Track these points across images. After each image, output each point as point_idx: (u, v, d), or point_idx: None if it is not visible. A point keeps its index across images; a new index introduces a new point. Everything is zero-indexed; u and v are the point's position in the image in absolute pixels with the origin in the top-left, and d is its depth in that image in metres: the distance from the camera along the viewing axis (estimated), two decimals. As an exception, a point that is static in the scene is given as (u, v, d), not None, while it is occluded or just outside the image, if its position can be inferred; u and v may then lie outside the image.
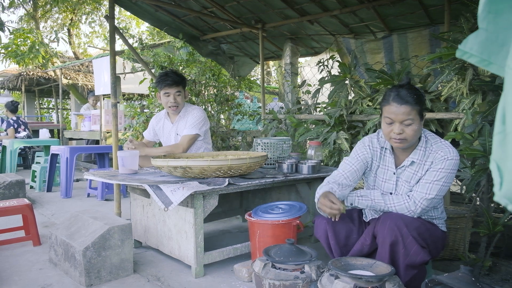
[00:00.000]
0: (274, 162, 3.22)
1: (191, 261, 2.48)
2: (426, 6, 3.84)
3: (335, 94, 3.61)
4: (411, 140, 1.94)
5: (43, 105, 15.84)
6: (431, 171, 1.95)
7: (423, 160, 2.00)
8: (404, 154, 2.07)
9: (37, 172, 5.44)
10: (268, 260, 1.81)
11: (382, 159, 2.15)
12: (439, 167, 1.92)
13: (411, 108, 1.87)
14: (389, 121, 1.93)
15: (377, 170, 2.17)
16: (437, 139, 2.03)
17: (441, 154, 1.94)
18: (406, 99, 1.88)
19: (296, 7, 4.30)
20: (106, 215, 2.75)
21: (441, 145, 1.99)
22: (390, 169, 2.11)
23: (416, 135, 1.93)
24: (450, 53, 2.60)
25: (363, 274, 1.53)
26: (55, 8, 11.20)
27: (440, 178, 1.92)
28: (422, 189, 1.93)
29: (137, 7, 4.61)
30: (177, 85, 3.32)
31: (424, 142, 2.01)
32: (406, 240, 1.84)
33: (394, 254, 1.88)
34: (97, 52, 13.82)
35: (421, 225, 1.94)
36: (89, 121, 7.36)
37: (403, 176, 2.07)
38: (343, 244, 2.11)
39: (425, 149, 2.00)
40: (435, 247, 2.03)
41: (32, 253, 2.93)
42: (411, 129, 1.89)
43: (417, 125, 1.91)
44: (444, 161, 1.92)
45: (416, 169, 2.03)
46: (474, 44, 0.73)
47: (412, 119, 1.88)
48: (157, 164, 2.56)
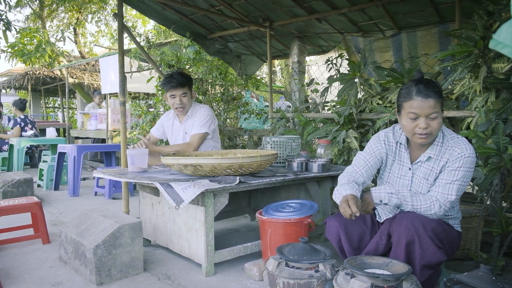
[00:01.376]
0: (283, 160, 3.20)
1: (202, 260, 2.46)
2: (436, 4, 3.81)
3: (345, 92, 3.58)
4: (435, 134, 1.91)
5: (48, 104, 15.90)
6: (450, 170, 1.91)
7: (439, 156, 1.97)
8: (420, 150, 2.03)
9: (45, 171, 5.45)
10: (282, 258, 1.79)
11: (397, 155, 2.12)
12: (457, 165, 1.89)
13: (435, 101, 1.84)
14: (414, 116, 1.88)
15: (392, 165, 2.14)
16: (453, 134, 2.00)
17: (458, 151, 1.91)
18: (430, 92, 1.85)
19: (305, 5, 4.28)
20: (116, 213, 2.74)
21: (458, 140, 1.95)
22: (406, 165, 2.08)
23: (439, 128, 1.91)
24: (463, 50, 2.57)
25: (380, 273, 1.51)
26: (61, 7, 11.23)
27: (460, 177, 1.88)
28: (444, 190, 1.88)
29: (145, 6, 4.60)
30: (183, 86, 3.31)
31: (441, 138, 1.98)
32: (423, 240, 1.81)
33: (410, 254, 1.85)
34: (103, 51, 13.85)
35: (438, 225, 1.91)
36: (95, 120, 7.38)
37: (419, 172, 2.04)
38: (356, 247, 2.08)
39: (442, 145, 1.97)
40: (450, 247, 2.00)
41: (41, 251, 2.93)
42: (437, 123, 1.86)
43: (441, 118, 1.88)
44: (461, 159, 1.89)
45: (432, 165, 1.99)
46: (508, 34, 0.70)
47: (438, 112, 1.85)
48: (168, 162, 2.55)
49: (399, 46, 4.40)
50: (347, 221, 2.06)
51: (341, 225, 2.04)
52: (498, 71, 2.47)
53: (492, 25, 2.58)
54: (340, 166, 3.30)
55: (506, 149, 2.40)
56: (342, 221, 2.06)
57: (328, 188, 3.15)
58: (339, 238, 2.06)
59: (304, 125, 3.94)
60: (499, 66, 2.45)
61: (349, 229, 2.06)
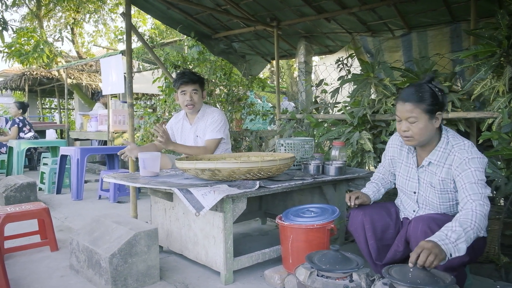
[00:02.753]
0: (297, 163, 3.13)
1: (220, 267, 2.38)
2: (449, 3, 3.75)
3: (358, 93, 3.51)
4: (419, 138, 1.93)
5: (45, 105, 15.71)
6: (465, 173, 1.84)
7: (441, 162, 1.96)
8: (424, 154, 2.04)
9: (46, 174, 5.34)
10: (314, 268, 1.71)
11: (406, 157, 2.16)
12: (467, 168, 1.84)
13: (413, 105, 1.88)
14: (398, 118, 1.98)
15: (401, 168, 2.18)
16: (459, 140, 1.96)
17: (459, 157, 1.89)
18: (409, 97, 1.90)
19: (314, 4, 4.21)
20: (129, 219, 2.65)
21: (461, 145, 1.92)
22: (413, 168, 2.11)
23: (423, 133, 1.91)
24: (487, 50, 2.51)
25: (423, 284, 1.43)
26: (58, 7, 11.08)
27: (481, 178, 1.83)
28: (474, 190, 1.79)
29: (149, 5, 4.51)
30: (193, 82, 3.27)
31: (445, 143, 1.97)
32: None
33: None
34: (101, 52, 13.70)
35: None
36: (95, 121, 7.27)
37: (425, 176, 2.04)
38: (379, 237, 2.10)
39: (444, 150, 1.96)
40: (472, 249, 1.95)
41: (50, 259, 2.83)
42: (416, 127, 1.89)
43: (423, 123, 1.88)
44: (467, 162, 1.85)
45: (434, 170, 1.99)
46: None
47: (416, 117, 1.88)
48: (184, 167, 2.46)
49: (409, 46, 4.34)
50: (372, 212, 2.12)
51: (366, 214, 2.11)
52: (523, 72, 2.41)
53: (516, 25, 2.52)
54: (355, 169, 3.23)
55: (531, 151, 2.35)
56: (368, 212, 2.12)
57: (344, 191, 3.08)
58: (363, 226, 2.11)
59: (315, 126, 3.87)
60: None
61: (373, 218, 2.11)
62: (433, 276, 1.51)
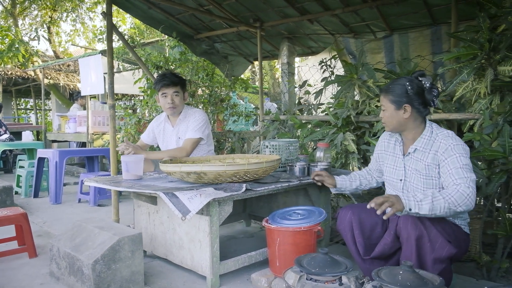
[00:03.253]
0: (282, 165, 3.12)
1: (206, 272, 2.34)
2: (430, 6, 3.80)
3: (342, 94, 3.52)
4: (389, 125, 2.18)
5: (20, 106, 15.29)
6: (451, 158, 1.96)
7: (427, 148, 2.10)
8: (410, 142, 2.20)
9: (23, 177, 5.18)
10: (303, 271, 1.70)
11: (393, 148, 2.31)
12: (453, 154, 1.96)
13: (383, 95, 2.18)
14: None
15: (389, 159, 2.32)
16: (442, 130, 2.12)
17: (444, 143, 2.02)
18: (383, 89, 2.20)
19: (297, 6, 4.20)
20: (112, 224, 2.59)
21: (445, 133, 2.07)
22: (399, 157, 2.25)
23: (390, 121, 2.15)
24: (469, 52, 2.55)
25: (413, 286, 1.43)
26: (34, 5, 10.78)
27: (466, 162, 1.94)
28: (459, 174, 1.90)
29: (130, 4, 4.42)
30: (175, 85, 3.21)
31: (429, 132, 2.12)
32: (431, 233, 1.86)
33: (420, 250, 1.88)
34: (79, 51, 13.42)
35: (443, 220, 1.97)
36: (74, 122, 7.10)
37: (411, 163, 2.17)
38: (367, 236, 2.15)
39: (429, 138, 2.11)
40: (459, 246, 2.01)
41: (29, 266, 2.74)
42: (384, 115, 2.18)
43: (389, 112, 2.14)
44: (453, 147, 1.98)
45: (420, 156, 2.12)
46: None
47: (384, 105, 2.16)
48: (169, 170, 2.42)
49: (391, 48, 4.39)
50: (360, 211, 2.18)
51: (354, 213, 2.16)
52: (504, 74, 2.46)
53: (497, 28, 2.56)
54: (340, 170, 3.24)
55: (512, 151, 2.39)
56: (356, 210, 2.18)
57: (329, 193, 3.08)
58: (351, 226, 2.15)
59: (299, 127, 3.86)
60: (505, 69, 2.43)
61: (361, 217, 2.16)
62: (422, 278, 1.51)
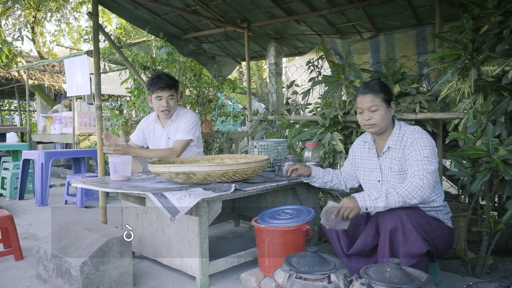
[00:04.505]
0: (271, 165, 3.14)
1: (196, 272, 2.35)
2: (414, 7, 3.85)
3: (329, 94, 3.55)
4: (380, 125, 2.19)
5: (3, 107, 15.03)
6: (414, 152, 2.08)
7: (397, 145, 2.20)
8: (382, 142, 2.28)
9: (8, 179, 5.11)
10: (292, 270, 1.71)
11: (367, 152, 2.38)
12: (417, 147, 2.08)
13: (374, 96, 2.17)
14: (360, 110, 2.24)
15: (365, 163, 2.39)
16: (409, 126, 2.24)
17: (410, 137, 2.14)
18: (368, 89, 2.20)
19: (284, 6, 4.22)
20: (100, 225, 2.58)
21: (412, 129, 2.20)
22: (374, 159, 2.33)
23: (383, 120, 2.18)
24: (453, 53, 2.59)
25: (400, 283, 1.46)
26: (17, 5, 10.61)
27: (427, 154, 2.04)
28: (418, 167, 2.01)
29: (116, 4, 4.39)
30: (170, 88, 3.17)
31: (398, 129, 2.23)
32: (406, 227, 1.91)
33: (393, 242, 1.94)
34: (64, 52, 13.25)
35: (422, 217, 2.03)
36: (60, 123, 7.01)
37: (386, 163, 2.25)
38: (351, 235, 2.20)
39: (399, 134, 2.21)
40: (441, 242, 2.08)
41: (16, 268, 2.70)
42: (378, 114, 2.17)
43: (383, 111, 2.18)
44: (417, 141, 2.09)
45: (394, 154, 2.21)
46: None
47: (377, 105, 2.17)
48: (157, 170, 2.41)
49: (377, 48, 4.44)
50: None
51: None
52: (487, 74, 2.51)
53: (480, 28, 2.62)
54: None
55: (496, 150, 2.45)
56: None
57: (317, 192, 3.11)
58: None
59: (287, 127, 3.88)
60: (488, 69, 2.48)
61: None
62: (409, 275, 1.54)
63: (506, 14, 2.42)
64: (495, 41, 2.47)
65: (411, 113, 3.09)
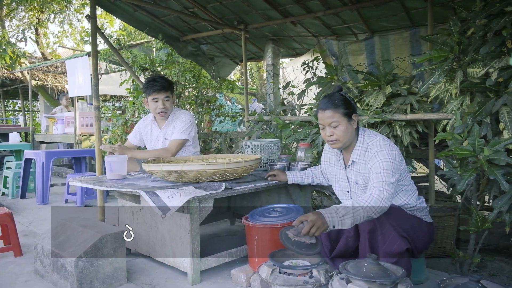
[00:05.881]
0: (264, 164, 3.20)
1: (187, 268, 2.42)
2: (408, 9, 3.91)
3: (322, 95, 3.61)
4: (343, 140, 2.14)
5: (8, 107, 15.19)
6: (374, 165, 2.06)
7: (361, 159, 2.17)
8: (348, 154, 2.25)
9: (10, 178, 5.20)
10: (276, 265, 1.78)
11: (336, 161, 2.36)
12: (376, 160, 2.06)
13: (333, 111, 2.11)
14: (322, 126, 2.19)
15: (334, 171, 2.38)
16: (372, 137, 2.18)
17: (370, 151, 2.12)
18: (327, 105, 2.13)
19: (280, 8, 4.29)
20: (95, 222, 2.65)
21: (374, 141, 2.15)
22: (342, 170, 2.31)
23: (345, 134, 2.13)
24: (440, 55, 2.65)
25: (376, 278, 1.52)
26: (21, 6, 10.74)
27: (386, 167, 2.02)
28: (378, 179, 2.00)
29: (115, 7, 4.47)
30: (166, 90, 3.23)
31: (361, 142, 2.19)
32: (384, 227, 1.94)
33: (372, 242, 1.97)
34: (67, 52, 13.37)
35: (400, 215, 2.05)
36: (62, 123, 7.11)
37: (352, 175, 2.24)
38: (334, 239, 2.22)
39: (362, 148, 2.18)
40: (421, 238, 2.11)
41: (14, 264, 2.79)
42: (339, 130, 2.12)
43: (344, 125, 2.12)
44: (376, 155, 2.07)
45: (358, 168, 2.19)
46: None
47: (337, 120, 2.11)
48: (150, 169, 2.49)
49: (372, 50, 4.49)
50: None
51: None
52: (473, 76, 2.56)
53: (467, 31, 2.67)
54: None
55: (481, 150, 2.50)
56: None
57: (309, 191, 3.17)
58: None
59: (282, 128, 3.95)
60: (474, 71, 2.54)
61: None
62: (385, 270, 1.60)
63: (490, 17, 2.48)
64: (480, 43, 2.53)
65: (402, 113, 3.15)
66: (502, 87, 2.48)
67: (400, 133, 3.15)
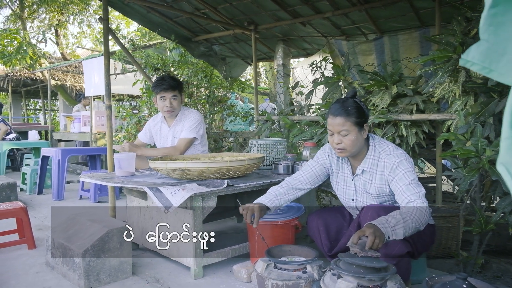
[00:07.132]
0: (270, 163, 3.25)
1: (190, 263, 2.49)
2: (416, 9, 3.90)
3: (329, 95, 3.65)
4: (350, 150, 2.05)
5: (29, 106, 15.63)
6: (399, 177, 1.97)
7: (373, 169, 2.10)
8: (357, 163, 2.17)
9: (28, 175, 5.39)
10: (271, 260, 1.83)
11: (340, 167, 2.27)
12: (399, 171, 1.98)
13: (344, 119, 2.00)
14: (330, 132, 2.08)
15: (337, 177, 2.29)
16: (384, 146, 2.11)
17: (389, 163, 2.03)
18: (339, 111, 2.02)
19: (289, 9, 4.33)
20: (103, 217, 2.75)
21: (387, 151, 2.06)
22: (348, 176, 2.23)
23: (354, 145, 2.03)
24: (443, 55, 2.66)
25: (366, 273, 1.56)
26: (42, 8, 11.06)
27: (413, 177, 1.96)
28: (410, 191, 1.92)
29: (129, 8, 4.59)
30: (173, 89, 3.32)
31: (373, 151, 2.11)
32: None
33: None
34: (85, 53, 13.67)
35: None
36: (79, 122, 7.31)
37: (360, 184, 2.17)
38: (333, 239, 2.22)
39: (374, 157, 2.10)
40: (422, 240, 2.09)
41: (27, 256, 2.91)
42: (348, 139, 2.02)
43: (354, 135, 2.02)
44: (397, 166, 1.99)
45: (368, 177, 2.13)
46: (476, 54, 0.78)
47: (347, 129, 2.00)
48: (156, 167, 2.57)
49: (381, 50, 4.49)
50: (326, 216, 2.25)
51: (320, 218, 2.24)
52: (476, 76, 2.56)
53: (471, 31, 2.67)
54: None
55: (484, 151, 2.50)
56: (322, 216, 2.25)
57: (314, 190, 3.20)
58: (318, 231, 2.23)
59: (290, 127, 3.99)
60: (486, 75, 2.53)
61: (327, 222, 2.24)
62: (376, 267, 1.64)
63: (493, 18, 2.47)
64: (483, 44, 2.52)
65: (408, 114, 3.15)
66: (505, 88, 2.47)
67: (406, 133, 3.16)
